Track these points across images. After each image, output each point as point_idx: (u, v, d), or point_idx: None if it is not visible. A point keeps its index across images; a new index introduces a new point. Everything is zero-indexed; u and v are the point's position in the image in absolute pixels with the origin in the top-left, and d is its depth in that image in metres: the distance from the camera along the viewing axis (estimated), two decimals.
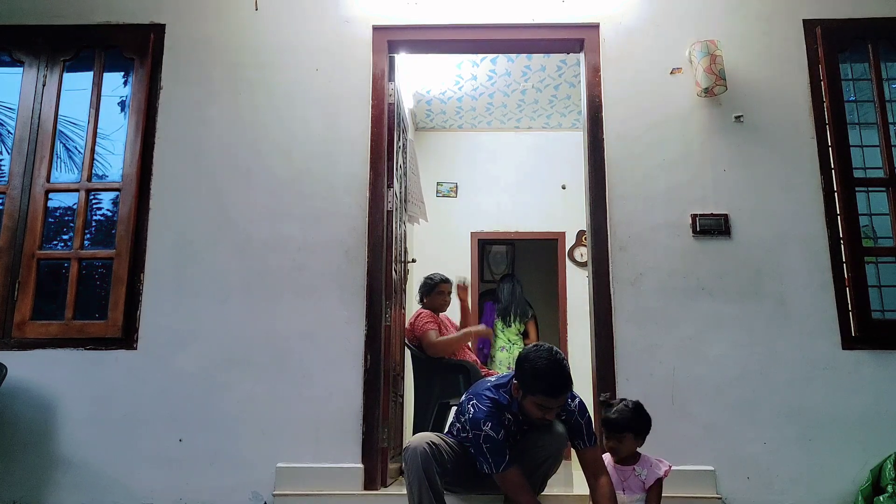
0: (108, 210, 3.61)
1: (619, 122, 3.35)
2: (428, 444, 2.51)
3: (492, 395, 2.58)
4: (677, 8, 3.47)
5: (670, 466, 2.61)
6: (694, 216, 3.24)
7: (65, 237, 3.54)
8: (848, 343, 3.10)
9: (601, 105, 3.38)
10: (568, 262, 6.06)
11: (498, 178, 6.21)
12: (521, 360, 2.48)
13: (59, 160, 3.55)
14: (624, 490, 2.57)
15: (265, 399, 3.11)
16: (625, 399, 2.69)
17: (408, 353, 4.19)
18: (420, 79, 5.25)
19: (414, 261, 4.49)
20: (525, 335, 6.03)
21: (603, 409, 2.71)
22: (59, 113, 3.48)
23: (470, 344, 4.51)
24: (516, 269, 7.51)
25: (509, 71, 5.14)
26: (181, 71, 3.46)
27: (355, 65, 3.45)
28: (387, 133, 3.44)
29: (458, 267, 5.92)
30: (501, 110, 5.87)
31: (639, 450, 2.65)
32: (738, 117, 3.33)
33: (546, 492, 2.84)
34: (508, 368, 5.63)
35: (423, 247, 5.76)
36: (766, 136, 3.32)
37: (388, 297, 3.29)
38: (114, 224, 3.35)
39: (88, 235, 3.50)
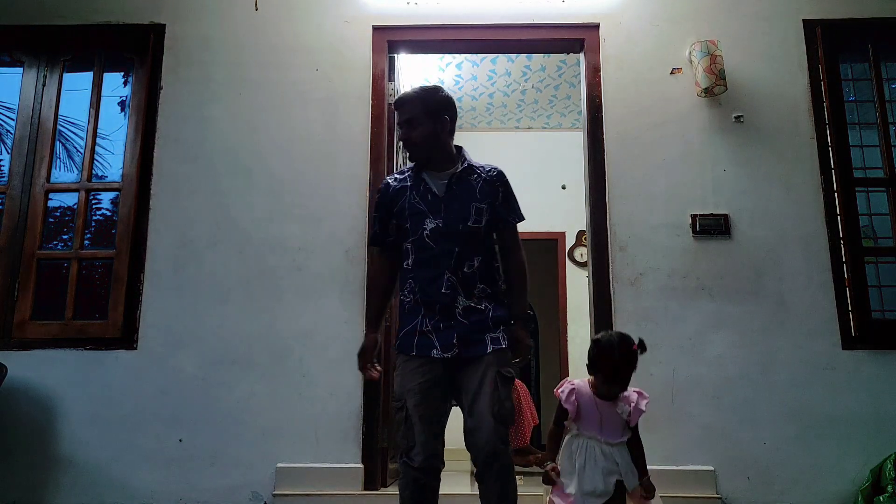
0: (107, 210, 3.61)
1: (619, 122, 3.35)
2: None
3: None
4: (677, 8, 3.47)
5: (648, 399, 2.40)
6: (694, 216, 3.24)
7: (65, 237, 3.54)
8: (848, 343, 3.10)
9: (601, 105, 3.38)
10: (568, 262, 6.06)
11: None
12: None
13: (58, 160, 3.56)
14: (602, 428, 2.32)
15: (265, 399, 3.11)
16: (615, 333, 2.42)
17: None
18: (420, 79, 5.25)
19: None
20: None
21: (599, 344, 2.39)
22: (59, 113, 3.49)
23: None
24: None
25: (509, 71, 5.14)
26: (181, 71, 3.46)
27: (355, 65, 3.45)
28: (387, 133, 3.44)
29: None
30: (501, 110, 5.87)
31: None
32: (737, 117, 3.33)
33: (546, 491, 2.83)
34: None
35: None
36: (766, 136, 3.32)
37: None
38: (114, 224, 3.35)
39: (88, 235, 3.50)
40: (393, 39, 3.52)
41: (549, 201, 6.09)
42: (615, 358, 2.30)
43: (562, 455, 2.38)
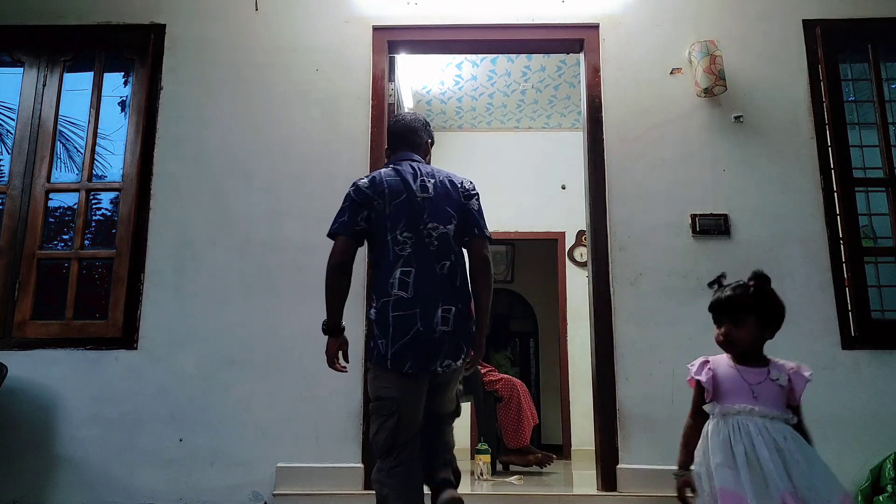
0: (108, 210, 3.62)
1: (619, 123, 3.36)
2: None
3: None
4: (677, 8, 3.47)
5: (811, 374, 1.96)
6: (694, 216, 3.24)
7: (65, 237, 3.55)
8: (848, 343, 3.10)
9: (601, 105, 3.38)
10: (568, 262, 6.06)
11: (498, 178, 6.20)
12: None
13: (59, 160, 3.56)
14: (757, 400, 1.89)
15: (265, 399, 3.11)
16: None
17: None
18: (420, 78, 5.26)
19: None
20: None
21: (712, 292, 2.06)
22: (60, 113, 3.49)
23: None
24: (516, 270, 7.52)
25: (509, 71, 5.14)
26: (181, 71, 3.47)
27: (355, 65, 3.45)
28: (387, 134, 3.44)
29: None
30: (501, 110, 5.87)
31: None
32: (737, 117, 3.33)
33: (546, 491, 2.84)
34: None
35: None
36: (766, 136, 3.33)
37: None
38: (114, 224, 3.36)
39: (89, 235, 3.51)
40: (393, 40, 3.53)
41: (549, 201, 6.10)
42: (722, 295, 1.99)
43: (709, 449, 1.86)
